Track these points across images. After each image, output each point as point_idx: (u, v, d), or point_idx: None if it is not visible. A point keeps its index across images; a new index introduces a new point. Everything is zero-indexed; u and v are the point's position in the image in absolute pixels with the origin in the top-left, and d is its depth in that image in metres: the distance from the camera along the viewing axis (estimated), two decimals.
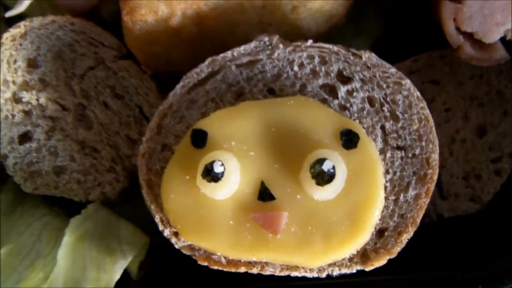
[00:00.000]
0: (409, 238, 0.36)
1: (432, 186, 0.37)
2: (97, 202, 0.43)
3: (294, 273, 0.36)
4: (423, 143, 0.37)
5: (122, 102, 0.44)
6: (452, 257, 0.40)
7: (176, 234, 0.36)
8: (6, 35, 0.43)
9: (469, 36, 0.41)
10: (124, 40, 0.43)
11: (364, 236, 0.35)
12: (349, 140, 0.35)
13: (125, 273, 0.40)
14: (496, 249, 0.40)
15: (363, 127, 0.36)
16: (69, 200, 0.43)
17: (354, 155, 0.35)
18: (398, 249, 0.36)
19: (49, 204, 0.43)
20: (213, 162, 0.33)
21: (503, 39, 0.41)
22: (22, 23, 0.43)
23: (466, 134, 0.45)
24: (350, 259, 0.36)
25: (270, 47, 0.37)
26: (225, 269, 0.36)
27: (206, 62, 0.38)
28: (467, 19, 0.40)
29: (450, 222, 0.43)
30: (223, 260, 0.36)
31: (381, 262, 0.36)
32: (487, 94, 0.45)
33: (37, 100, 0.43)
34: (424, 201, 0.36)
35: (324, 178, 0.33)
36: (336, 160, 0.33)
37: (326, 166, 0.33)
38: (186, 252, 0.36)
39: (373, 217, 0.35)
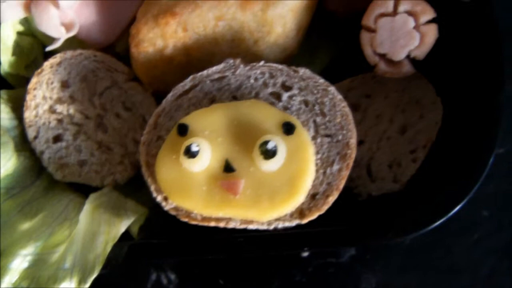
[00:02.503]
0: (334, 199, 0.52)
1: (351, 162, 0.53)
2: (110, 187, 0.60)
3: (250, 226, 0.52)
4: (344, 132, 0.54)
5: (130, 113, 0.61)
6: (376, 220, 0.56)
7: (165, 198, 0.53)
8: (46, 63, 0.60)
9: (383, 56, 0.58)
10: (132, 67, 0.62)
11: (299, 198, 0.51)
12: (288, 129, 0.52)
13: (129, 234, 0.57)
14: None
15: (300, 121, 0.54)
16: (89, 186, 0.61)
17: (292, 139, 0.51)
18: (325, 207, 0.52)
19: (74, 188, 0.61)
20: (191, 144, 0.51)
21: (410, 57, 0.58)
22: (58, 55, 0.60)
23: (391, 133, 0.61)
24: (291, 215, 0.52)
25: (234, 66, 0.56)
26: (200, 224, 0.52)
27: (189, 78, 0.56)
28: (379, 44, 0.57)
29: (378, 199, 0.60)
30: (198, 217, 0.52)
31: (313, 217, 0.52)
32: (408, 103, 0.62)
33: (67, 111, 0.61)
34: (345, 173, 0.53)
35: (269, 154, 0.50)
36: (278, 141, 0.50)
37: (270, 145, 0.50)
38: (172, 212, 0.53)
39: (306, 184, 0.51)
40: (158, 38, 0.57)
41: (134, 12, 0.60)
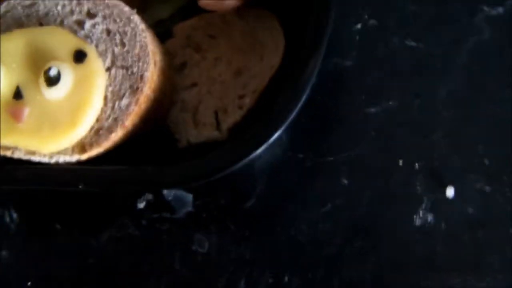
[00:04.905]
0: (117, 137, 0.51)
1: (141, 97, 0.51)
2: None
3: (33, 158, 0.52)
4: (140, 64, 0.52)
5: None
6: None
7: None
8: None
9: None
10: None
11: (79, 130, 0.50)
12: (79, 57, 0.51)
13: None
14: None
15: (99, 51, 0.53)
16: None
17: (82, 68, 0.51)
18: (107, 144, 0.51)
19: None
20: None
21: None
22: None
23: (226, 76, 0.58)
24: (72, 150, 0.52)
25: None
26: None
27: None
28: None
29: (198, 146, 0.57)
30: None
31: (93, 153, 0.51)
32: (251, 44, 0.58)
33: None
34: (133, 108, 0.51)
35: (51, 81, 0.50)
36: (62, 68, 0.50)
37: (52, 72, 0.50)
38: None
39: (87, 116, 0.51)
40: None
41: None
